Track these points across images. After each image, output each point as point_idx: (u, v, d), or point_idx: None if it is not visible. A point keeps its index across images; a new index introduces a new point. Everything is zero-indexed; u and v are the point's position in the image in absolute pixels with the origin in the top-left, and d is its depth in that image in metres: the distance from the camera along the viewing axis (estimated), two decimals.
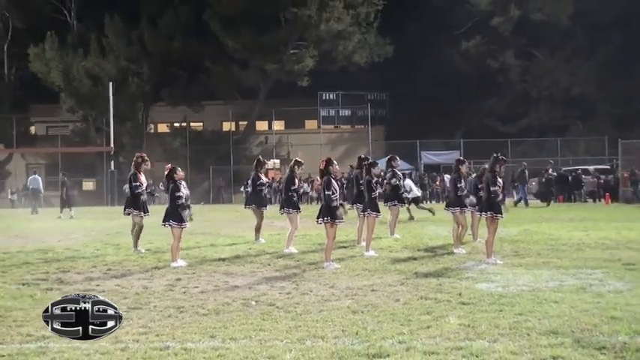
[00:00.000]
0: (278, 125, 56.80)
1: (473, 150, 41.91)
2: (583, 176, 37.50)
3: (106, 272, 11.15)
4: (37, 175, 36.42)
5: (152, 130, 58.78)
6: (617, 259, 11.73)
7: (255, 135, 57.07)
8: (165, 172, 12.25)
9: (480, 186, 13.17)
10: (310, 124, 57.94)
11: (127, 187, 14.27)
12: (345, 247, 14.25)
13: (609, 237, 15.41)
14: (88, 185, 53.39)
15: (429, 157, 49.22)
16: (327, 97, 55.45)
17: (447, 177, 39.97)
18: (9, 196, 49.95)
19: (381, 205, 13.80)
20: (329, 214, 11.52)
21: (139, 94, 53.00)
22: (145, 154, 14.37)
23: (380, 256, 12.59)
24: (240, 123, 58.10)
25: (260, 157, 16.66)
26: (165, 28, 51.87)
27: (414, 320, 7.15)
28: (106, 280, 10.27)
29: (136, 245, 13.90)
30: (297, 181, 14.16)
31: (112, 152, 45.46)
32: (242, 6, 48.65)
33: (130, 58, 51.83)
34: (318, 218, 11.82)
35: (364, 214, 13.43)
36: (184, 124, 56.00)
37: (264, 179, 15.55)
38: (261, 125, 58.67)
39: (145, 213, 14.06)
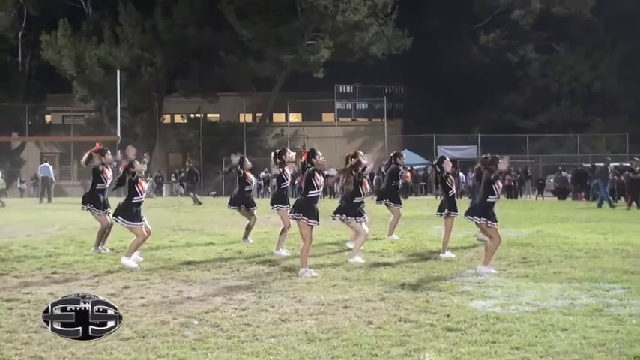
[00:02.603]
0: (294, 117, 55.92)
1: (491, 145, 40.27)
2: None
3: (48, 276, 9.68)
4: (47, 164, 35.34)
5: (167, 121, 57.70)
6: (639, 270, 10.12)
7: (270, 127, 56.03)
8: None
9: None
10: (327, 117, 56.95)
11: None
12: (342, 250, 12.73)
13: (630, 242, 13.67)
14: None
15: (445, 151, 47.44)
16: (344, 90, 54.59)
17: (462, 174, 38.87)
18: (18, 185, 49.01)
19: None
20: (301, 211, 10.03)
21: (153, 84, 52.07)
22: (102, 145, 12.93)
23: (368, 261, 11.00)
24: (257, 115, 57.10)
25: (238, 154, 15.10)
26: (180, 17, 50.75)
27: (381, 355, 5.62)
28: (41, 287, 8.78)
29: (97, 244, 12.33)
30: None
31: (119, 142, 44.25)
32: None
33: (144, 46, 50.85)
34: (290, 213, 10.45)
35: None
36: (199, 115, 54.87)
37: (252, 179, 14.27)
38: (278, 117, 57.83)
39: (106, 209, 12.44)
